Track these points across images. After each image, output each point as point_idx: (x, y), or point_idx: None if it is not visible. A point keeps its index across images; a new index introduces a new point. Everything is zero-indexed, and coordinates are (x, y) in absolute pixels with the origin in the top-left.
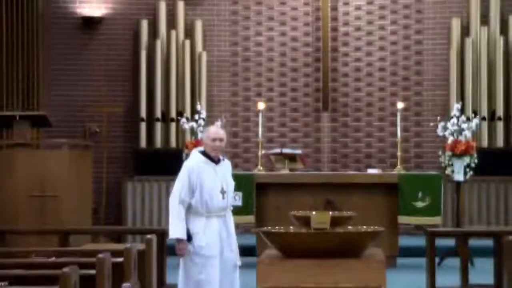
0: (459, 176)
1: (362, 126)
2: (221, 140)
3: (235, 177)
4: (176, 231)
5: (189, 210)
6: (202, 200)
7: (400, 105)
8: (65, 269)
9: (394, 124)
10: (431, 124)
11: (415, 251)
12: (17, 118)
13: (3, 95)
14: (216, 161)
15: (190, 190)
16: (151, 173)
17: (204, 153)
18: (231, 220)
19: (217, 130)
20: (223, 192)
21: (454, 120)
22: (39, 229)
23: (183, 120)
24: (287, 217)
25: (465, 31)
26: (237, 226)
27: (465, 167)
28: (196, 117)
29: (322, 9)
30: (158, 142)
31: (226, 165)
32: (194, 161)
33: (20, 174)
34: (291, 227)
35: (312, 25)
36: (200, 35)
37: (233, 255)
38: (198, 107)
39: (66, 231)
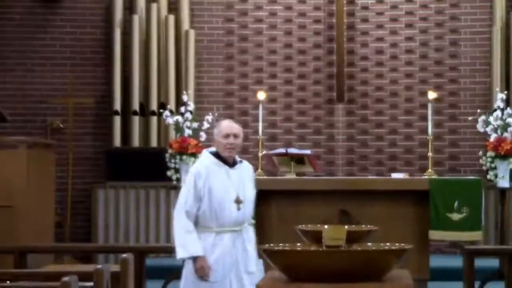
0: (503, 182)
1: (385, 120)
2: (235, 136)
3: None
4: (187, 248)
5: (197, 223)
6: (210, 211)
7: (431, 95)
8: None
9: (424, 119)
10: (470, 118)
11: (450, 273)
12: None
13: None
14: (230, 163)
15: (196, 199)
16: (127, 178)
17: (216, 154)
18: (250, 235)
19: (230, 124)
20: (238, 201)
21: (498, 113)
22: None
23: (166, 113)
24: (293, 231)
25: None
26: None
27: (511, 171)
28: (182, 109)
29: None
30: (136, 140)
31: (244, 169)
32: (202, 163)
33: None
34: (299, 244)
35: None
36: (186, 9)
37: (252, 278)
38: (185, 97)
39: (23, 249)
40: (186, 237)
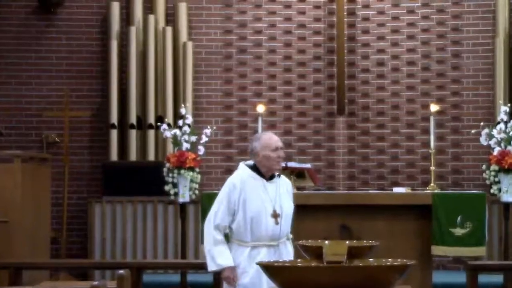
0: (507, 196)
1: (387, 134)
2: (282, 148)
3: None
4: (215, 260)
5: (231, 236)
6: (245, 224)
7: (433, 107)
8: None
9: (426, 132)
10: (473, 131)
11: None
12: None
13: None
14: (267, 177)
15: (229, 212)
16: (124, 192)
17: (253, 167)
18: (289, 250)
19: (275, 137)
20: (275, 215)
21: (502, 126)
22: None
23: (164, 126)
24: (293, 247)
25: None
26: None
27: None
28: (180, 123)
29: None
30: (133, 154)
31: (282, 183)
32: (238, 176)
33: None
34: (298, 259)
35: (324, 8)
36: (184, 20)
37: None
38: (183, 110)
39: (18, 265)
40: (214, 249)
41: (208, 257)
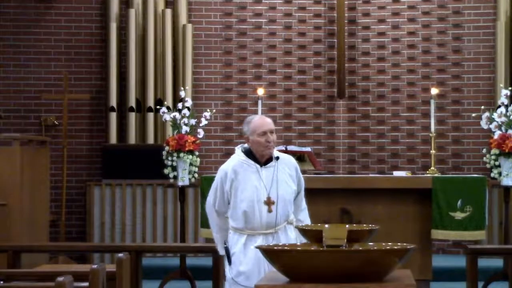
0: (508, 180)
1: (387, 117)
2: (271, 132)
3: None
4: (218, 246)
5: (229, 223)
6: (238, 214)
7: (434, 91)
8: None
9: (427, 115)
10: (473, 115)
11: (453, 273)
12: None
13: None
14: (261, 161)
15: (224, 201)
16: (123, 175)
17: (248, 152)
18: (289, 236)
19: (264, 120)
20: (269, 203)
21: (502, 109)
22: None
23: (163, 110)
24: None
25: None
26: None
27: None
28: (180, 106)
29: None
30: (132, 138)
31: (282, 166)
32: (231, 162)
33: None
34: (299, 243)
35: None
36: (184, 3)
37: None
38: (182, 93)
39: (17, 248)
40: (215, 236)
41: (215, 242)
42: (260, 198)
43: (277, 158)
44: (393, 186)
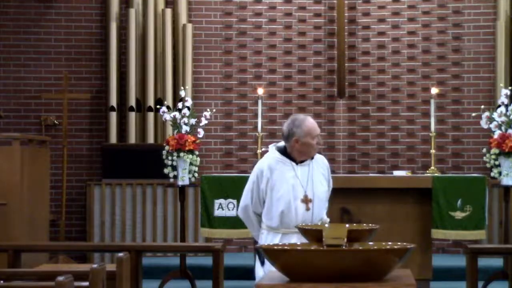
0: (508, 180)
1: (387, 117)
2: (320, 135)
3: (227, 181)
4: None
5: (262, 222)
6: (274, 212)
7: (434, 90)
8: None
9: (427, 115)
10: (473, 114)
11: (453, 273)
12: None
13: None
14: (297, 160)
15: (260, 201)
16: (123, 175)
17: (283, 150)
18: None
19: (314, 123)
20: (306, 201)
21: (502, 109)
22: None
23: (163, 109)
24: None
25: None
26: (231, 242)
27: None
28: (180, 105)
29: None
30: (132, 137)
31: (316, 165)
32: (266, 160)
33: None
34: (299, 243)
35: None
36: (184, 2)
37: None
38: (182, 93)
39: (17, 248)
40: (257, 235)
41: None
42: (297, 196)
43: (312, 157)
44: (393, 186)
